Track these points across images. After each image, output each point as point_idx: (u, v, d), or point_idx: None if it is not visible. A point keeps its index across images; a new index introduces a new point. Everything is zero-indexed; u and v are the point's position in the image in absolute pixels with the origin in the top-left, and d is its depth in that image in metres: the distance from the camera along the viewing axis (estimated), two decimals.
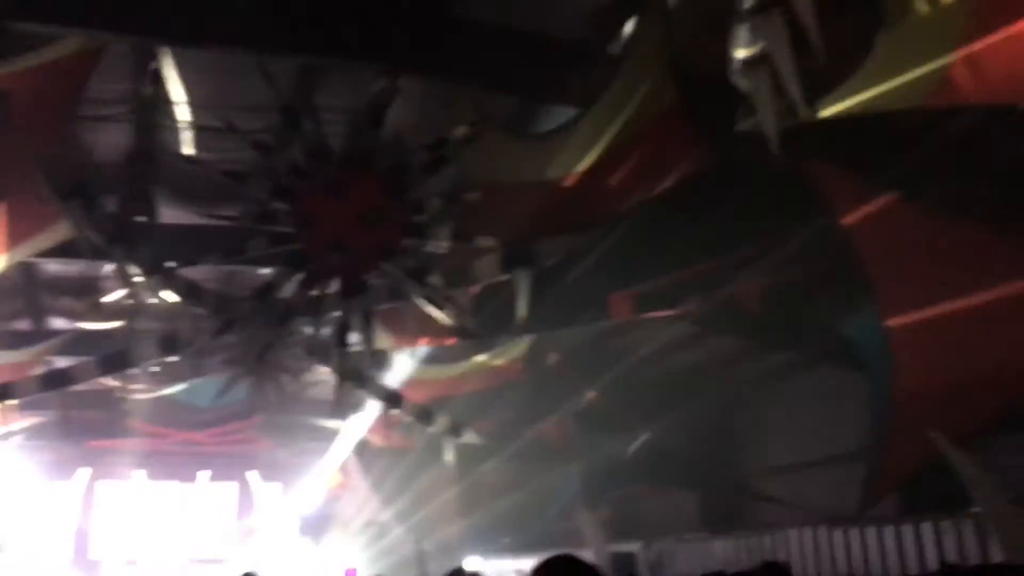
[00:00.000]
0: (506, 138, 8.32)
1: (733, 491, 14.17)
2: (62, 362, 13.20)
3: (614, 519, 14.34)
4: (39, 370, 13.18)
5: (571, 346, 12.48)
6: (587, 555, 14.24)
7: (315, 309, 8.58)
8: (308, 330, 10.58)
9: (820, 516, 11.46)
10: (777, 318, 10.27)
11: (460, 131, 7.73)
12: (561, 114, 8.13)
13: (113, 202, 8.98)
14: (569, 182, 8.22)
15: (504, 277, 9.86)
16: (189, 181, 9.16)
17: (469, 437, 14.74)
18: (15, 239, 8.76)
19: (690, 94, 6.94)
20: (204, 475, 23.16)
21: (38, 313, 13.31)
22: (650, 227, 8.58)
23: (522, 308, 9.82)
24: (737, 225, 8.31)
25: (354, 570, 20.18)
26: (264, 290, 8.35)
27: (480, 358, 13.05)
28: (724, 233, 8.45)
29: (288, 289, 8.50)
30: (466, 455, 15.32)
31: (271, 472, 23.54)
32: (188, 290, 10.00)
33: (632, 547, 14.62)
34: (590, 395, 13.03)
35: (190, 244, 9.33)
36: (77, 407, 16.50)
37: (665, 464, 12.98)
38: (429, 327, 10.76)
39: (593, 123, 7.57)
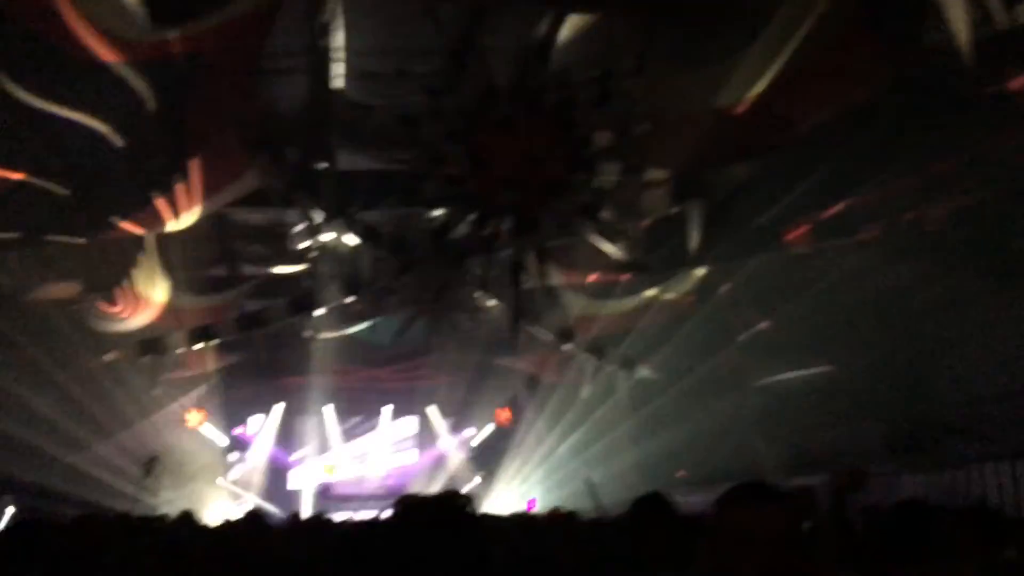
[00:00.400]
0: (675, 67, 8.10)
1: (921, 423, 13.56)
2: (255, 305, 14.07)
3: (793, 452, 14.01)
4: (235, 313, 14.12)
5: (745, 277, 12.17)
6: None
7: (488, 248, 8.74)
8: (482, 269, 10.85)
9: (1016, 450, 10.84)
10: (967, 241, 9.68)
11: (627, 63, 7.60)
12: (732, 38, 7.84)
13: (296, 151, 9.38)
14: (741, 108, 7.97)
15: (675, 209, 9.73)
16: (365, 128, 9.45)
17: (642, 371, 14.76)
18: (209, 190, 9.32)
19: (872, 6, 6.55)
20: (386, 410, 24.19)
21: (232, 259, 14.14)
22: (828, 151, 8.22)
23: (694, 240, 9.69)
24: (923, 145, 7.85)
25: (534, 500, 20.71)
26: (439, 231, 8.57)
27: (652, 292, 12.97)
28: (908, 154, 8.00)
29: (462, 229, 8.71)
30: (639, 389, 15.37)
31: (449, 407, 24.34)
32: (367, 233, 10.43)
33: (812, 481, 14.28)
34: (766, 327, 12.72)
35: (368, 189, 9.68)
36: (270, 347, 17.53)
37: (847, 396, 12.55)
38: (600, 262, 10.79)
39: (766, 45, 7.27)
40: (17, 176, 7.29)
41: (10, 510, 14.22)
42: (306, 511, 16.05)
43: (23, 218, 8.02)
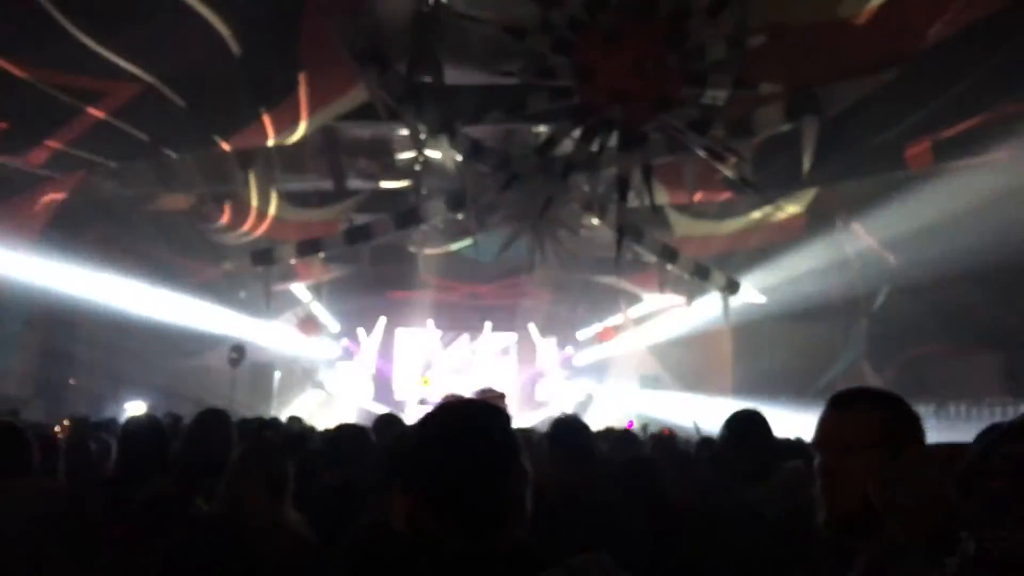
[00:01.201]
0: None
1: None
2: (361, 219, 14.32)
3: (902, 380, 13.63)
4: (342, 227, 14.41)
5: (860, 198, 11.72)
6: None
7: (594, 164, 8.60)
8: (587, 185, 10.73)
9: None
10: None
11: None
12: None
13: (402, 65, 9.36)
14: (862, 19, 7.54)
15: (789, 126, 9.37)
16: (471, 40, 9.34)
17: (746, 293, 14.50)
18: (316, 104, 9.41)
19: None
20: (487, 326, 24.57)
21: (339, 173, 14.36)
22: (952, 65, 7.73)
23: (807, 159, 9.33)
24: None
25: (632, 423, 20.88)
26: (544, 146, 8.48)
27: (761, 212, 12.64)
28: None
29: (567, 144, 8.58)
30: (743, 311, 15.12)
31: (549, 324, 24.54)
32: (472, 148, 10.40)
33: (922, 410, 13.90)
34: (880, 250, 12.26)
35: (473, 103, 9.61)
36: (375, 261, 17.89)
37: (964, 322, 12.07)
38: (708, 180, 10.54)
39: None
40: (135, 87, 7.48)
41: (141, 407, 15.11)
42: (410, 419, 16.49)
43: (140, 129, 8.26)
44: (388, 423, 5.07)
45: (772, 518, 3.16)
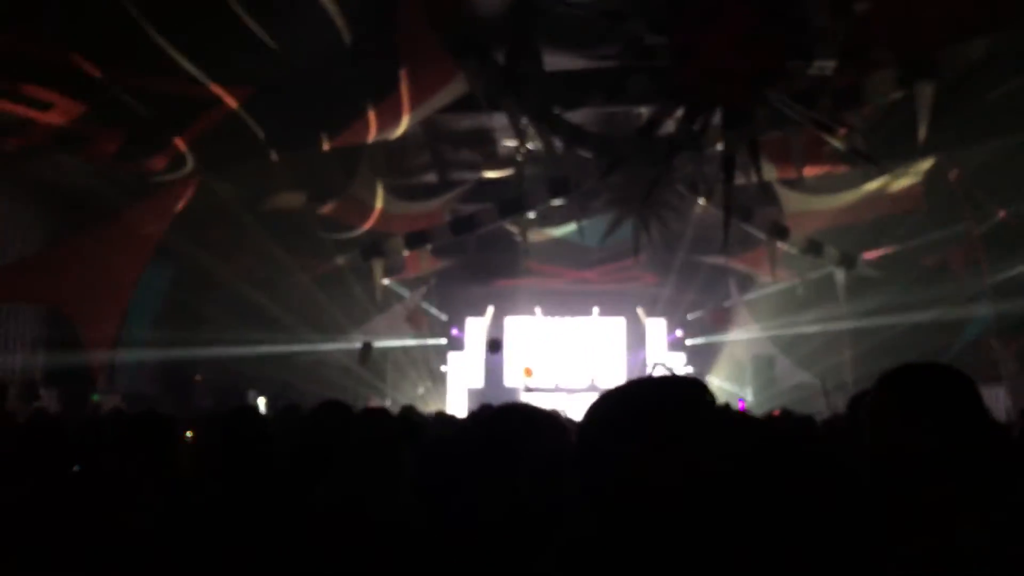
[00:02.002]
0: None
1: None
2: (466, 209, 14.48)
3: None
4: (447, 217, 14.60)
5: (981, 165, 11.18)
6: (999, 390, 13.19)
7: (698, 143, 8.46)
8: (691, 166, 10.56)
9: None
10: None
11: None
12: None
13: (501, 54, 9.39)
14: None
15: (902, 94, 9.01)
16: (568, 26, 9.30)
17: (862, 268, 14.05)
18: (418, 98, 9.55)
19: None
20: (595, 310, 24.48)
21: (442, 165, 14.55)
22: None
23: (923, 127, 8.96)
24: None
25: (743, 402, 20.49)
26: (646, 127, 8.38)
27: (874, 184, 12.20)
28: None
29: (669, 125, 8.46)
30: (859, 287, 14.65)
31: (657, 307, 24.29)
32: (573, 133, 10.37)
33: None
34: (1003, 216, 11.68)
35: (573, 89, 9.58)
36: (482, 250, 18.06)
37: None
38: (818, 154, 10.24)
39: None
40: (247, 90, 7.75)
41: (261, 400, 15.70)
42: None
43: (252, 131, 8.54)
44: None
45: None
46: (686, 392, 1.49)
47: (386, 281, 17.05)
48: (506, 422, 1.91)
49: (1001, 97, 8.52)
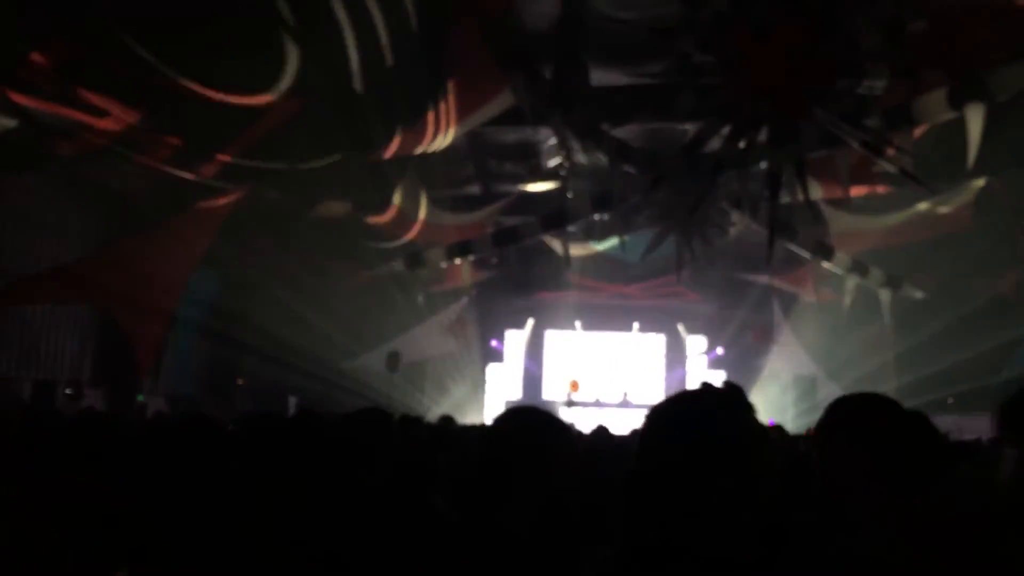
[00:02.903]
0: None
1: None
2: (509, 221, 14.53)
3: None
4: (490, 229, 14.66)
5: None
6: None
7: (744, 161, 8.41)
8: (736, 183, 10.50)
9: None
10: None
11: None
12: None
13: (549, 69, 9.44)
14: None
15: (953, 115, 8.89)
16: (617, 42, 9.33)
17: (909, 291, 13.85)
18: (465, 111, 9.63)
19: None
20: (635, 326, 24.39)
21: (486, 178, 14.63)
22: None
23: (973, 148, 8.83)
24: None
25: (772, 421, 20.27)
26: (692, 144, 8.35)
27: (923, 205, 12.03)
28: None
29: (716, 142, 8.43)
30: (906, 310, 14.43)
31: (698, 324, 24.15)
32: (619, 149, 10.38)
33: None
34: None
35: (619, 105, 9.60)
36: (524, 263, 18.10)
37: None
38: (866, 173, 10.13)
39: None
40: (297, 102, 7.88)
41: (294, 403, 15.85)
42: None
43: (301, 140, 8.67)
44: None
45: None
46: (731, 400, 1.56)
47: (429, 291, 17.17)
48: (529, 427, 2.01)
49: None
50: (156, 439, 3.53)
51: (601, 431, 6.48)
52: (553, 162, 12.66)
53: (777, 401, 21.21)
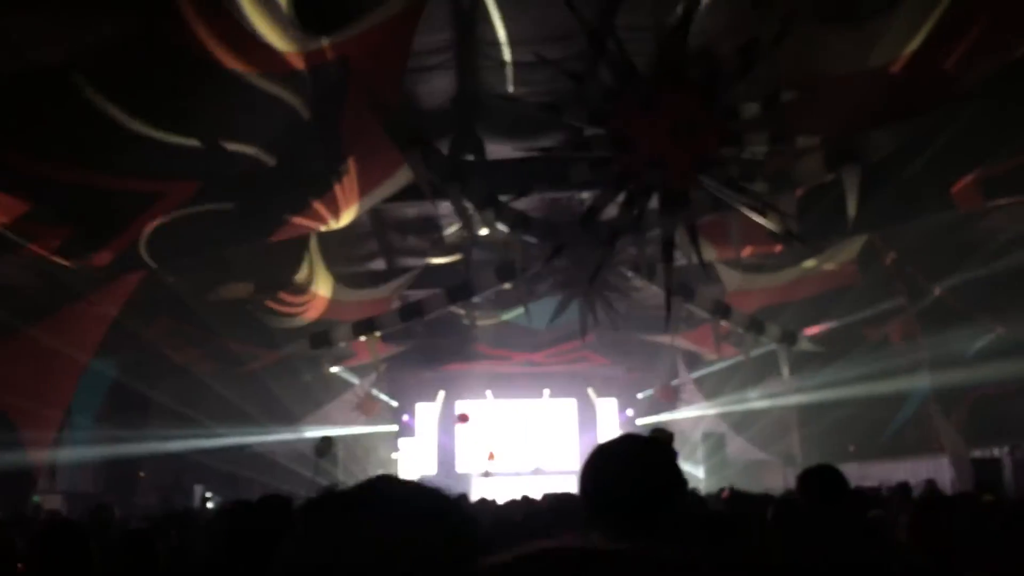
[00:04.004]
0: (823, 28, 7.81)
1: None
2: (415, 295, 14.56)
3: (973, 422, 13.28)
4: (396, 304, 14.66)
5: (910, 243, 11.63)
6: (944, 462, 13.43)
7: (639, 227, 8.69)
8: (633, 249, 10.81)
9: None
10: None
11: (772, 28, 7.37)
12: None
13: (445, 144, 9.63)
14: (897, 67, 7.61)
15: (830, 176, 9.39)
16: (510, 117, 9.59)
17: (804, 344, 14.36)
18: (365, 188, 9.71)
19: None
20: (545, 392, 24.50)
21: (390, 253, 14.68)
22: (995, 105, 7.74)
23: (852, 207, 9.31)
24: None
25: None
26: (588, 214, 8.58)
27: (810, 263, 12.59)
28: None
29: (611, 210, 8.70)
30: (802, 363, 14.95)
31: (607, 387, 24.43)
32: (518, 220, 10.59)
33: (996, 452, 13.52)
34: (937, 292, 12.10)
35: (517, 177, 9.82)
36: (431, 335, 18.09)
37: None
38: (754, 235, 10.56)
39: None
40: (192, 187, 7.82)
41: (204, 493, 15.34)
42: (475, 493, 16.50)
43: (197, 226, 8.58)
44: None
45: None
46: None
47: (336, 369, 16.96)
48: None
49: (923, 179, 8.93)
50: (46, 545, 3.42)
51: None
52: (455, 234, 12.81)
53: (688, 459, 21.51)
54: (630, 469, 1.85)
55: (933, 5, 6.80)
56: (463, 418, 20.41)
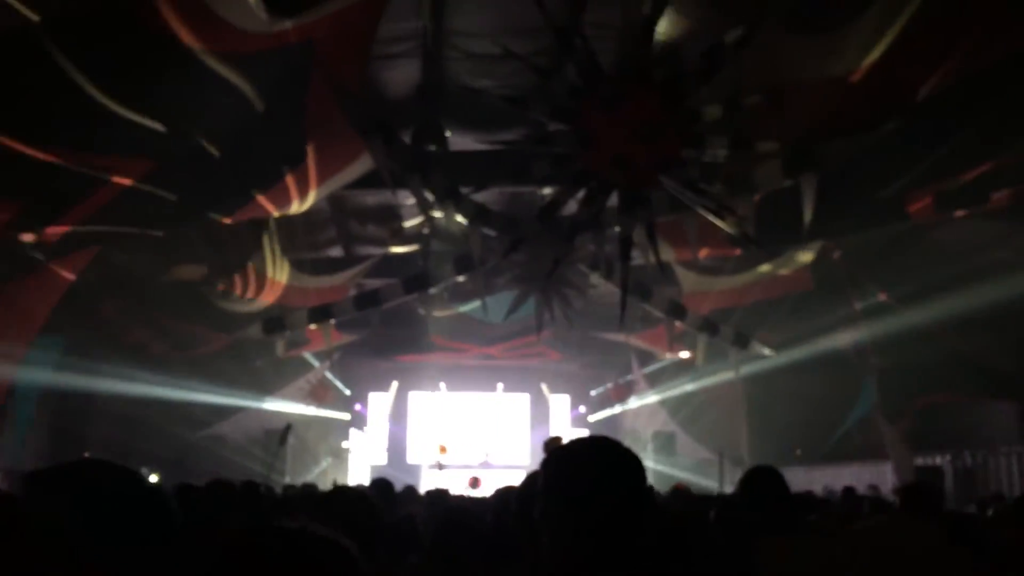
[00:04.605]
0: (786, 35, 7.88)
1: None
2: (371, 284, 14.47)
3: (917, 430, 13.55)
4: (352, 292, 14.56)
5: (864, 251, 11.81)
6: (888, 468, 13.69)
7: (598, 224, 8.73)
8: (592, 246, 10.85)
9: None
10: None
11: (736, 33, 7.43)
12: (847, 1, 7.56)
13: (407, 134, 9.57)
14: (857, 76, 7.72)
15: (788, 182, 9.50)
16: (474, 110, 9.56)
17: (755, 348, 14.52)
18: (324, 174, 9.61)
19: None
20: (499, 386, 24.54)
21: (348, 240, 14.57)
22: (951, 117, 7.88)
23: (808, 214, 9.44)
24: None
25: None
26: (548, 209, 8.60)
27: (765, 267, 12.73)
28: None
29: (571, 207, 8.72)
30: (753, 366, 15.12)
31: (560, 383, 24.52)
32: (478, 212, 10.57)
33: (939, 460, 13.82)
34: (887, 301, 12.30)
35: (478, 169, 9.79)
36: (386, 325, 18.00)
37: (976, 372, 12.03)
38: (711, 238, 10.64)
39: (883, 8, 7.02)
40: (149, 162, 7.67)
41: (151, 476, 15.10)
42: (425, 484, 16.47)
43: (151, 203, 8.42)
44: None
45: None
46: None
47: (289, 354, 16.79)
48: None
49: (879, 188, 9.07)
50: None
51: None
52: (414, 224, 12.75)
53: (638, 456, 21.66)
54: (606, 473, 1.90)
55: (894, 18, 6.90)
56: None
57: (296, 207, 10.08)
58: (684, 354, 16.13)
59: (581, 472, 1.89)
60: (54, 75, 6.18)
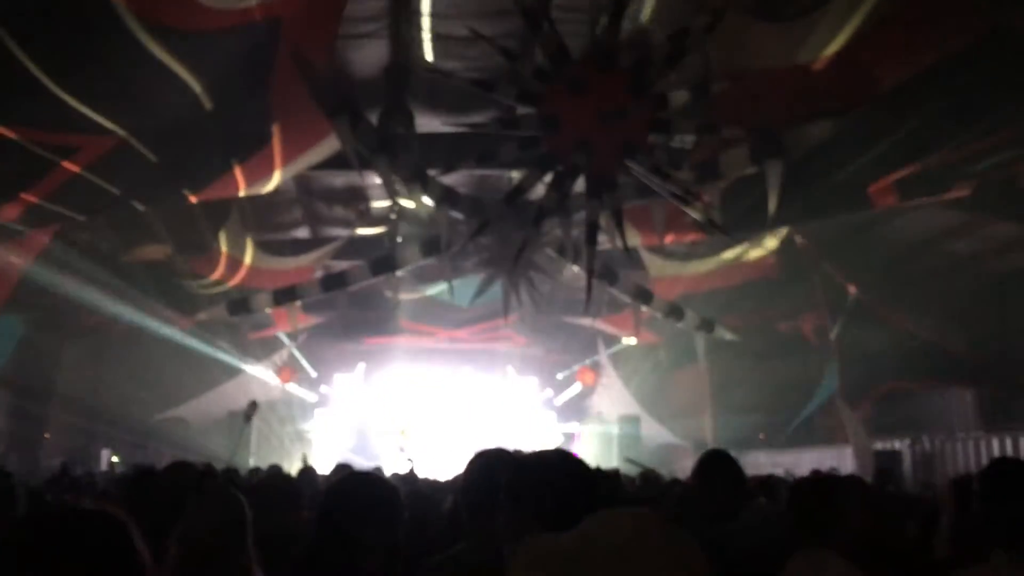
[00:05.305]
0: (753, 22, 7.92)
1: (1014, 387, 13.11)
2: (338, 266, 14.38)
3: (877, 416, 13.77)
4: (319, 274, 14.46)
5: (828, 238, 11.94)
6: (848, 452, 13.89)
7: (565, 209, 8.74)
8: (559, 230, 10.87)
9: None
10: None
11: (704, 19, 7.45)
12: None
13: (374, 115, 9.50)
14: (821, 64, 7.77)
15: (754, 169, 9.57)
16: (441, 92, 9.51)
17: (720, 332, 14.64)
18: (290, 155, 9.52)
19: None
20: (466, 370, 24.49)
21: (314, 222, 14.46)
22: (915, 105, 7.96)
23: (773, 200, 9.51)
24: (1018, 98, 7.54)
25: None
26: (514, 192, 8.61)
27: (730, 253, 12.83)
28: (1002, 107, 7.70)
29: (537, 190, 8.72)
30: (717, 350, 15.25)
31: (528, 367, 24.55)
32: (445, 195, 10.53)
33: (898, 445, 14.05)
34: (850, 288, 12.46)
35: (445, 152, 9.76)
36: (353, 307, 17.90)
37: (935, 358, 12.23)
38: (677, 223, 10.70)
39: None
40: (108, 141, 7.56)
41: (112, 458, 14.98)
42: (390, 468, 16.45)
43: (113, 182, 8.32)
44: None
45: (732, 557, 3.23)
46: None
47: (254, 336, 16.69)
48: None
49: (843, 176, 9.15)
50: None
51: None
52: (381, 206, 12.69)
53: (603, 439, 21.81)
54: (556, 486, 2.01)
55: (858, 8, 6.95)
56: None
57: (261, 187, 10.00)
58: (650, 338, 16.23)
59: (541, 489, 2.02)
60: (7, 55, 6.08)
